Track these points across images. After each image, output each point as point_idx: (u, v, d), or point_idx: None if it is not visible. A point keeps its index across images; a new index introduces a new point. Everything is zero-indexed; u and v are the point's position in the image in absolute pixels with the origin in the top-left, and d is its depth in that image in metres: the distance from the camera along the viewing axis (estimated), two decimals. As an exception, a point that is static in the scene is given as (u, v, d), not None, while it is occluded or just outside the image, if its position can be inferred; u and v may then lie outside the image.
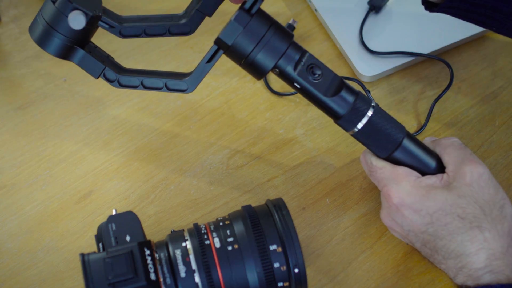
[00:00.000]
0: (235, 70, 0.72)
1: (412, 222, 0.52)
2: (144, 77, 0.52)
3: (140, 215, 0.52)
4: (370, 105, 0.53)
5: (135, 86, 0.53)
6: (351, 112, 0.52)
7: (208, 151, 0.66)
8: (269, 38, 0.50)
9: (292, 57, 0.51)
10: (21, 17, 0.76)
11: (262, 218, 0.50)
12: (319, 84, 0.52)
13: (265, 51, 0.50)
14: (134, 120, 0.69)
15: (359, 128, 0.53)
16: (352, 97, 0.52)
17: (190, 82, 0.52)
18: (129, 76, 0.52)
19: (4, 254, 0.60)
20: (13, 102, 0.70)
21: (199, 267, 0.48)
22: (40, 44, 0.51)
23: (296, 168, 0.65)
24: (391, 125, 0.53)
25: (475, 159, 0.51)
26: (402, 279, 0.58)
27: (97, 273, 0.45)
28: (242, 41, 0.50)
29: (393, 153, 0.53)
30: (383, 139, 0.53)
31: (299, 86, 0.52)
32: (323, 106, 0.53)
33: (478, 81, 0.70)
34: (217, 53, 0.51)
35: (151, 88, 0.53)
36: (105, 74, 0.52)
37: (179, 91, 0.52)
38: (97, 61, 0.52)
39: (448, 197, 0.50)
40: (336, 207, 0.62)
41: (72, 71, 0.72)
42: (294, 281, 0.49)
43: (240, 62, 0.52)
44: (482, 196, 0.49)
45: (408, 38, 0.71)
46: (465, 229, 0.49)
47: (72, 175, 0.65)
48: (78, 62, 0.52)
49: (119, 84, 0.52)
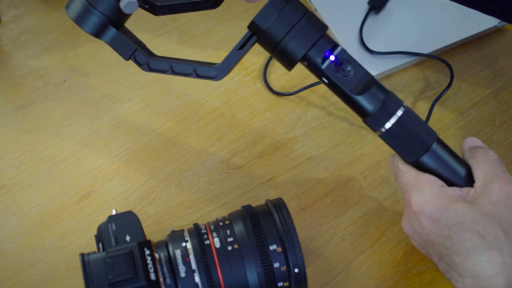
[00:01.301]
0: (235, 70, 0.72)
1: (429, 232, 0.49)
2: (174, 62, 0.52)
3: (140, 215, 0.52)
4: (400, 105, 0.50)
5: (164, 71, 0.52)
6: (380, 111, 0.50)
7: (208, 151, 0.66)
8: (302, 25, 0.49)
9: (323, 48, 0.50)
10: (21, 17, 0.76)
11: (262, 218, 0.50)
12: (348, 81, 0.50)
13: (298, 38, 0.49)
14: (134, 120, 0.69)
15: (387, 128, 0.50)
16: (382, 95, 0.50)
17: (220, 69, 0.51)
18: (159, 60, 0.52)
19: (4, 254, 0.60)
20: (13, 102, 0.70)
21: (199, 267, 0.48)
22: (77, 21, 0.51)
23: (296, 168, 0.65)
24: (421, 128, 0.51)
25: (506, 178, 0.48)
26: (402, 279, 0.58)
27: (97, 273, 0.45)
28: (276, 26, 0.49)
29: (420, 157, 0.50)
30: (412, 142, 0.51)
31: (327, 81, 0.51)
32: (351, 103, 0.51)
33: (478, 81, 0.70)
34: (250, 40, 0.50)
35: (180, 74, 0.52)
36: (135, 56, 0.52)
37: (208, 78, 0.52)
38: (129, 42, 0.51)
39: (470, 212, 0.47)
40: (336, 207, 0.62)
41: (72, 71, 0.72)
42: (294, 281, 0.49)
43: (272, 49, 0.50)
44: (506, 217, 0.46)
45: (408, 38, 0.71)
46: (484, 249, 0.46)
47: (72, 175, 0.65)
48: (109, 41, 0.51)
49: (149, 67, 0.52)
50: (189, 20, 0.76)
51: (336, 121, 0.68)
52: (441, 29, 0.71)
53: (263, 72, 0.71)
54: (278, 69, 0.72)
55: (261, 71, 0.72)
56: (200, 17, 0.77)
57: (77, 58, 0.73)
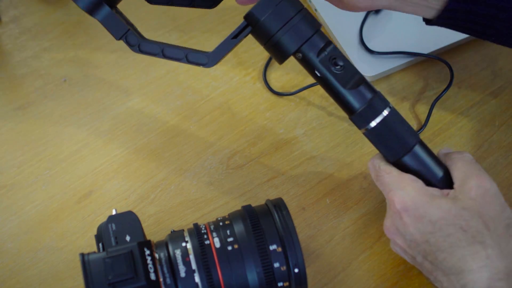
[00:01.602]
0: (235, 70, 0.72)
1: (413, 231, 0.49)
2: (166, 46, 0.52)
3: (140, 215, 0.52)
4: (387, 105, 0.52)
5: (155, 54, 0.52)
6: (366, 109, 0.52)
7: (208, 151, 0.66)
8: (297, 21, 0.50)
9: (317, 44, 0.51)
10: (21, 17, 0.76)
11: (262, 218, 0.50)
12: (340, 75, 0.52)
13: (292, 33, 0.50)
14: (134, 120, 0.69)
15: (372, 127, 0.52)
16: (370, 94, 0.52)
17: (211, 56, 0.52)
18: (150, 43, 0.52)
19: (4, 254, 0.60)
20: (13, 102, 0.70)
21: (199, 267, 0.48)
22: None
23: (296, 168, 0.65)
24: (405, 129, 0.52)
25: (482, 175, 0.50)
26: (402, 279, 0.58)
27: (97, 273, 0.45)
28: (272, 19, 0.50)
29: (402, 157, 0.52)
30: (395, 142, 0.52)
31: (319, 74, 0.52)
32: (339, 98, 0.53)
33: (478, 81, 0.70)
34: (244, 30, 0.51)
35: (171, 58, 0.52)
36: (127, 37, 0.52)
37: (199, 64, 0.52)
38: (122, 23, 0.51)
39: (453, 207, 0.48)
40: (336, 207, 0.62)
41: (72, 71, 0.72)
42: (294, 281, 0.49)
43: (265, 42, 0.52)
44: (487, 211, 0.47)
45: (408, 38, 0.71)
46: (467, 243, 0.46)
47: (72, 175, 0.65)
48: (102, 20, 0.52)
49: (140, 49, 0.52)
50: (189, 20, 0.76)
51: (336, 121, 0.68)
52: (441, 29, 0.71)
53: (263, 72, 0.71)
54: (278, 69, 0.72)
55: (261, 71, 0.72)
56: (200, 17, 0.77)
57: (77, 58, 0.73)
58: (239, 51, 0.73)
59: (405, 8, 0.55)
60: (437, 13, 0.55)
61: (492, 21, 0.55)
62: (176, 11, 0.77)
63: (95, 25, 0.75)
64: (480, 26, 0.56)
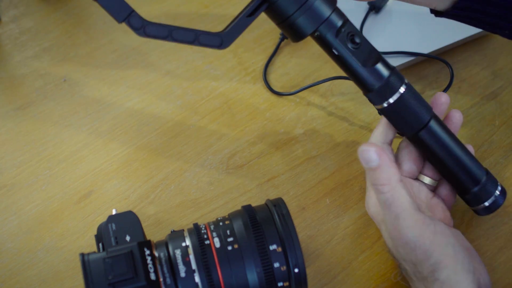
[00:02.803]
0: (235, 70, 0.72)
1: None
2: (175, 28, 0.48)
3: (140, 215, 0.52)
4: (403, 82, 0.52)
5: (163, 37, 0.48)
6: (384, 86, 0.52)
7: (208, 151, 0.66)
8: (314, 1, 0.49)
9: (334, 23, 0.50)
10: (21, 17, 0.76)
11: (262, 218, 0.50)
12: (357, 53, 0.51)
13: (308, 14, 0.49)
14: (134, 120, 0.69)
15: (390, 103, 0.52)
16: (387, 72, 0.52)
17: (225, 37, 0.49)
18: (157, 25, 0.48)
19: (4, 254, 0.60)
20: (13, 102, 0.70)
21: (199, 267, 0.48)
22: None
23: (296, 168, 0.65)
24: (420, 104, 0.53)
25: (399, 226, 0.49)
26: (402, 279, 0.58)
27: (97, 273, 0.45)
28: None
29: (418, 132, 0.53)
30: (411, 117, 0.53)
31: (337, 53, 0.51)
32: (357, 77, 0.52)
33: (478, 81, 0.70)
34: (260, 7, 0.49)
35: (181, 41, 0.48)
36: (130, 19, 0.47)
37: (212, 46, 0.49)
38: (125, 3, 0.47)
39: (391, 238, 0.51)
40: (336, 207, 0.62)
41: (72, 71, 0.72)
42: (294, 281, 0.49)
43: (280, 22, 0.50)
44: (411, 258, 0.50)
45: (408, 38, 0.71)
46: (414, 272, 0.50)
47: (72, 175, 0.65)
48: (102, 2, 0.46)
49: (145, 32, 0.48)
50: (189, 20, 0.76)
51: (336, 121, 0.68)
52: (441, 29, 0.71)
53: (263, 72, 0.71)
54: (278, 69, 0.72)
55: (261, 71, 0.72)
56: (200, 17, 0.77)
57: (77, 58, 0.73)
58: (239, 51, 0.73)
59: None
60: (452, 2, 0.54)
61: (508, 12, 0.53)
62: (176, 11, 0.77)
63: (95, 25, 0.76)
64: (495, 18, 0.54)
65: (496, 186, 0.55)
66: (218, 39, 0.49)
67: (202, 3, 0.78)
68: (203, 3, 0.78)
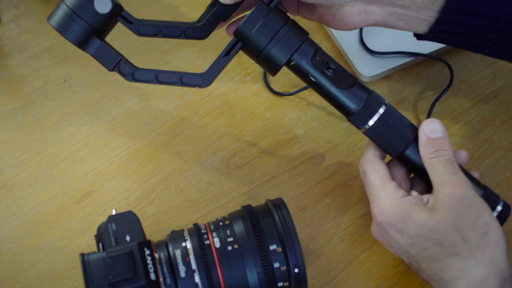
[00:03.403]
0: (235, 70, 0.72)
1: (397, 240, 0.51)
2: (160, 72, 0.53)
3: (140, 215, 0.52)
4: (382, 103, 0.53)
5: (149, 80, 0.53)
6: (363, 109, 0.53)
7: (208, 151, 0.66)
8: (285, 32, 0.51)
9: (308, 51, 0.52)
10: (21, 17, 0.76)
11: (262, 218, 0.50)
12: (334, 78, 0.53)
13: (281, 44, 0.51)
14: (134, 120, 0.69)
15: (370, 125, 0.53)
16: (364, 94, 0.53)
17: (205, 76, 0.53)
18: (144, 70, 0.53)
19: (4, 254, 0.60)
20: (13, 102, 0.70)
21: (199, 267, 0.48)
22: (61, 30, 0.51)
23: (296, 168, 0.65)
24: (402, 124, 0.53)
25: (456, 181, 0.49)
26: (402, 279, 0.58)
27: (97, 273, 0.45)
28: (260, 33, 0.51)
29: (404, 152, 0.53)
30: (394, 138, 0.53)
31: (314, 79, 0.53)
32: (336, 101, 0.54)
33: (478, 81, 0.70)
34: (235, 46, 0.53)
35: (166, 83, 0.53)
36: (119, 67, 0.53)
37: (194, 85, 0.53)
38: (113, 53, 0.52)
39: (428, 223, 0.49)
40: (336, 207, 0.62)
41: (72, 71, 0.72)
42: (294, 281, 0.49)
43: (256, 56, 0.53)
44: (462, 222, 0.48)
45: (408, 38, 0.71)
46: (444, 256, 0.49)
47: (72, 175, 0.65)
48: (93, 53, 0.52)
49: (133, 78, 0.53)
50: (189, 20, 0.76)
51: (336, 121, 0.68)
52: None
53: (263, 72, 0.71)
54: (278, 69, 0.72)
55: (261, 71, 0.72)
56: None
57: (77, 58, 0.73)
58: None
59: (398, 23, 0.55)
60: (430, 26, 0.55)
61: (484, 32, 0.55)
62: (176, 11, 0.77)
63: (95, 25, 0.75)
64: (472, 38, 0.55)
65: (497, 202, 0.53)
66: (199, 79, 0.53)
67: (202, 3, 0.78)
68: (203, 3, 0.78)
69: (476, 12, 0.53)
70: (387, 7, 0.54)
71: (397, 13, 0.54)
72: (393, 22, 0.55)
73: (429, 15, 0.54)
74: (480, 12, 0.53)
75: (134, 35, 0.55)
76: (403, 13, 0.54)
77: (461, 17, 0.54)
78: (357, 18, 0.54)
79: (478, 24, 0.54)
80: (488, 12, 0.53)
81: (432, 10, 0.54)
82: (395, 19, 0.55)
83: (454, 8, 0.53)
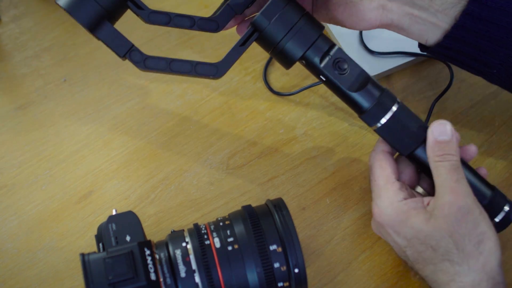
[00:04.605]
0: (235, 70, 0.72)
1: (393, 240, 0.53)
2: (172, 60, 0.51)
3: (140, 215, 0.52)
4: (395, 101, 0.53)
5: (162, 69, 0.51)
6: (375, 107, 0.52)
7: (208, 151, 0.66)
8: (301, 25, 0.51)
9: (321, 48, 0.52)
10: (21, 17, 0.76)
11: (262, 218, 0.50)
12: (345, 78, 0.52)
13: (296, 38, 0.51)
14: (134, 120, 0.69)
15: (383, 123, 0.53)
16: (377, 92, 0.53)
17: (220, 66, 0.52)
18: (156, 58, 0.51)
19: (4, 254, 0.60)
20: (13, 102, 0.70)
21: (199, 267, 0.48)
22: (71, 11, 0.47)
23: (296, 168, 0.65)
24: (415, 123, 0.53)
25: (457, 189, 0.50)
26: (402, 279, 0.58)
27: (97, 273, 0.45)
28: (277, 25, 0.50)
29: (414, 151, 0.53)
30: (406, 136, 0.53)
31: (324, 79, 0.53)
32: (347, 100, 0.53)
33: (478, 81, 0.70)
34: (251, 36, 0.51)
35: (179, 72, 0.51)
36: (131, 54, 0.50)
37: (208, 75, 0.52)
38: (125, 39, 0.49)
39: (424, 228, 0.50)
40: (336, 207, 0.62)
41: (72, 71, 0.72)
42: (294, 281, 0.49)
43: (271, 49, 0.52)
44: (458, 230, 0.49)
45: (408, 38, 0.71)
46: (437, 260, 0.50)
47: (72, 175, 0.65)
48: (104, 37, 0.49)
49: (145, 65, 0.50)
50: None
51: (336, 121, 0.68)
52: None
53: (263, 72, 0.71)
54: (278, 69, 0.72)
55: (261, 71, 0.72)
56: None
57: (77, 58, 0.73)
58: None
59: (412, 26, 0.54)
60: (443, 33, 0.54)
61: (487, 56, 0.53)
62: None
63: (95, 25, 0.75)
64: (475, 62, 0.55)
65: (505, 202, 0.53)
66: (214, 69, 0.52)
67: (202, 3, 0.78)
68: (203, 3, 0.78)
69: (497, 23, 0.52)
70: (405, 7, 0.53)
71: (413, 14, 0.54)
72: (407, 25, 0.54)
73: (445, 21, 0.53)
74: (501, 24, 0.52)
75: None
76: (419, 15, 0.53)
77: (479, 26, 0.52)
78: (374, 14, 0.54)
79: (482, 48, 0.53)
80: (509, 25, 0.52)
81: (449, 16, 0.53)
82: (410, 22, 0.54)
83: (475, 14, 0.52)
